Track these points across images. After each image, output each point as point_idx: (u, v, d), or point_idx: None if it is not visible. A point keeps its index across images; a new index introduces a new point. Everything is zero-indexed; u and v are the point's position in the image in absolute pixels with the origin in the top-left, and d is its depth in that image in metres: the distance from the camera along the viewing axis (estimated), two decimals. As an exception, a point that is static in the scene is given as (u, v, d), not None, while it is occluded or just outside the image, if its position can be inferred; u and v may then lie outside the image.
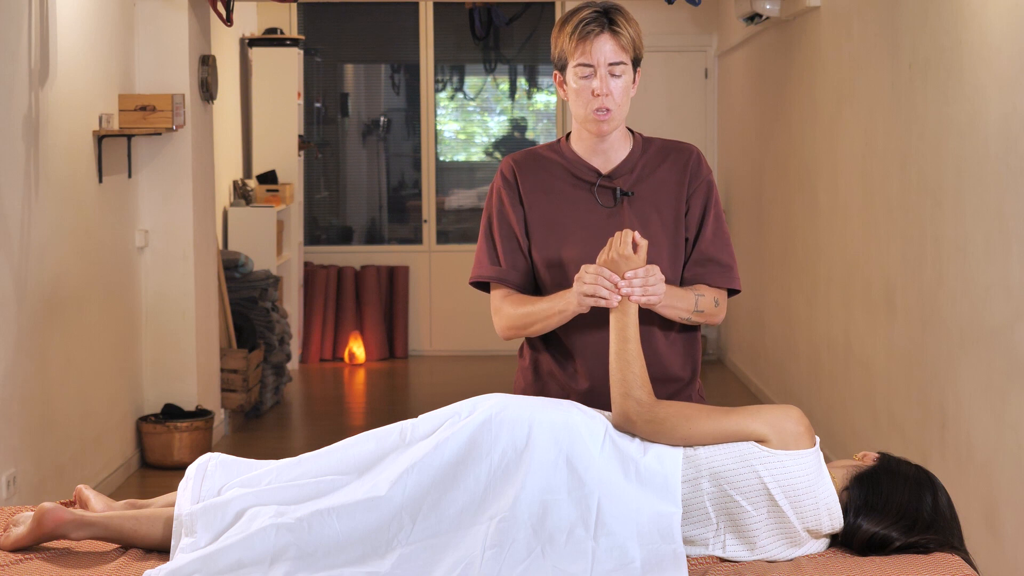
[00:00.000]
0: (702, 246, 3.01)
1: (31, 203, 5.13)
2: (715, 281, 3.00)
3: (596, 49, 2.89)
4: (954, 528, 2.70)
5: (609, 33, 2.89)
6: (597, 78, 2.90)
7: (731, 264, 3.03)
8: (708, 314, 2.97)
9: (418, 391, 8.96)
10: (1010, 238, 4.02)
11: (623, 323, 2.80)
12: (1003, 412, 4.11)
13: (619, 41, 2.89)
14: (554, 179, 3.03)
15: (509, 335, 3.05)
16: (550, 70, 10.17)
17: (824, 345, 6.47)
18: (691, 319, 2.95)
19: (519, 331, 3.02)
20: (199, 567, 2.53)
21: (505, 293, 3.03)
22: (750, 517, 2.62)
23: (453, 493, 2.62)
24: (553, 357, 3.05)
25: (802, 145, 6.90)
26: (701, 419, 2.67)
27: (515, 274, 3.04)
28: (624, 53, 2.90)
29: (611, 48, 2.89)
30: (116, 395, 6.20)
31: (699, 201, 3.02)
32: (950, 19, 4.57)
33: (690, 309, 2.94)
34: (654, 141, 3.08)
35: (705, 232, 3.01)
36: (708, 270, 3.00)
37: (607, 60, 2.89)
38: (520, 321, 2.99)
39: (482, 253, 3.07)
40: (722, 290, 3.02)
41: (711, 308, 2.97)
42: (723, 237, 3.03)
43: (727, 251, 3.03)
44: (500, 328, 3.06)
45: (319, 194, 10.20)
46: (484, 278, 3.06)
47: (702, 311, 2.96)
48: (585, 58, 2.90)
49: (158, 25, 6.45)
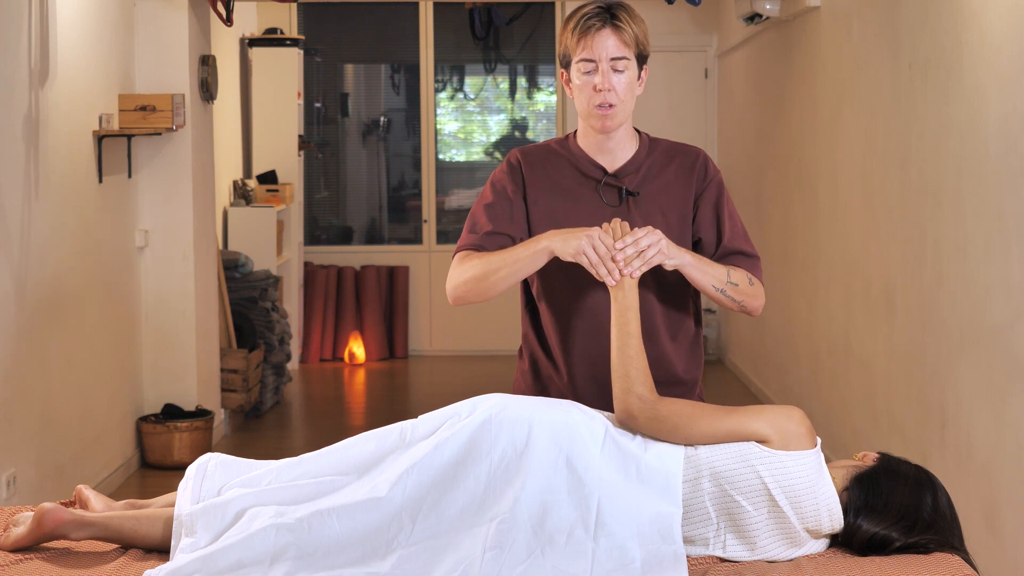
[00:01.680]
0: (725, 241, 2.97)
1: (31, 203, 5.13)
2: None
3: (598, 44, 2.88)
4: (954, 528, 2.70)
5: (611, 28, 2.88)
6: (599, 73, 2.89)
7: (756, 255, 3.00)
8: (743, 290, 2.90)
9: (418, 391, 8.96)
10: (1010, 238, 4.02)
11: (625, 318, 2.79)
12: (1003, 412, 4.11)
13: (621, 36, 2.88)
14: (560, 174, 3.01)
15: (460, 293, 2.92)
16: (550, 70, 10.18)
17: (824, 345, 6.47)
18: (726, 292, 2.87)
19: (475, 284, 2.88)
20: (199, 567, 2.53)
21: (469, 255, 2.94)
22: (750, 517, 2.62)
23: (453, 493, 2.62)
24: (551, 361, 3.04)
25: (802, 145, 6.90)
26: (703, 417, 2.67)
27: (492, 244, 2.94)
28: (627, 48, 2.89)
29: (613, 43, 2.88)
30: (116, 395, 6.20)
31: (710, 203, 2.99)
32: (950, 19, 4.57)
33: (723, 279, 2.86)
34: (660, 142, 3.06)
35: (724, 231, 2.98)
36: (735, 260, 2.96)
37: (609, 55, 2.88)
38: (480, 270, 2.87)
39: (464, 230, 3.01)
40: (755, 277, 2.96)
41: (746, 284, 2.90)
42: (742, 231, 3.01)
43: (749, 244, 3.00)
44: (454, 286, 2.92)
45: (319, 194, 10.20)
46: (458, 248, 2.98)
47: (736, 284, 2.88)
48: (587, 53, 2.89)
49: (158, 25, 6.45)
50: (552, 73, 10.16)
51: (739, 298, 2.91)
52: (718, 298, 2.89)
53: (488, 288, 2.88)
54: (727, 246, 2.97)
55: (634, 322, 2.79)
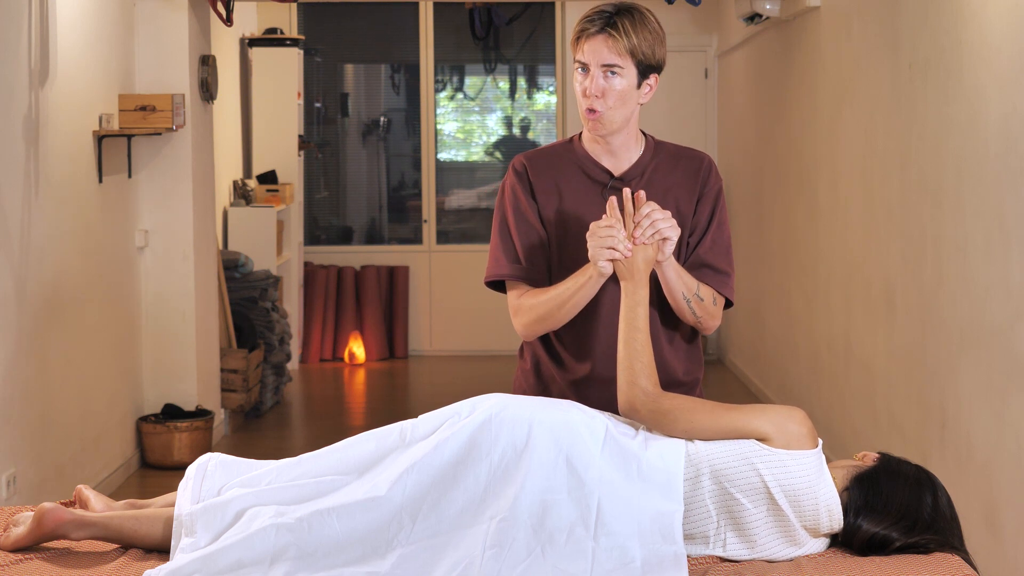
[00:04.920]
0: (700, 251, 2.98)
1: (31, 203, 5.13)
2: (710, 285, 2.98)
3: (590, 49, 2.87)
4: (954, 528, 2.70)
5: (605, 34, 2.85)
6: (589, 77, 2.88)
7: (728, 272, 2.99)
8: (706, 306, 2.92)
9: (418, 391, 8.96)
10: (1010, 238, 4.02)
11: (634, 312, 2.80)
12: (1003, 412, 4.11)
13: (615, 43, 2.85)
14: (566, 178, 3.01)
15: (535, 329, 2.96)
16: (550, 70, 10.18)
17: (824, 345, 6.47)
18: (690, 303, 2.89)
19: (545, 321, 2.93)
20: (199, 567, 2.53)
21: (522, 291, 2.97)
22: (750, 515, 2.62)
23: (453, 493, 2.62)
24: (554, 359, 3.04)
25: (802, 145, 6.90)
26: (705, 413, 2.68)
27: (535, 271, 2.98)
28: (620, 56, 2.85)
29: (605, 49, 2.85)
30: (116, 395, 6.20)
31: (706, 209, 2.99)
32: (950, 19, 4.57)
33: (692, 289, 2.89)
34: (666, 145, 3.05)
35: (705, 239, 2.99)
36: (703, 274, 2.96)
37: (600, 61, 2.86)
38: (546, 308, 2.91)
39: (499, 251, 3.00)
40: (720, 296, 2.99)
41: (710, 302, 2.93)
42: (723, 245, 3.00)
43: (725, 259, 3.00)
44: (524, 324, 2.96)
45: (319, 194, 10.20)
46: (504, 277, 2.99)
47: (702, 299, 2.91)
48: (580, 56, 2.89)
49: (158, 25, 6.45)
50: (552, 73, 10.16)
51: (700, 313, 2.93)
52: (681, 306, 2.91)
53: (558, 323, 2.94)
54: (699, 256, 2.97)
55: (643, 317, 2.80)
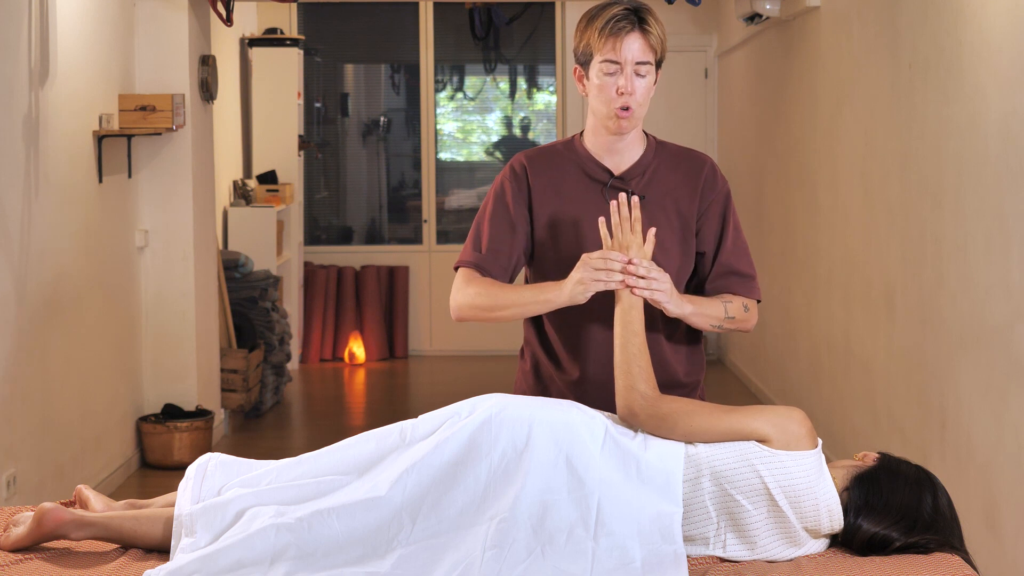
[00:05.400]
0: (723, 258, 3.00)
1: (31, 203, 5.13)
2: (737, 292, 3.00)
3: (625, 47, 2.87)
4: (954, 528, 2.70)
5: (639, 31, 2.87)
6: (623, 76, 2.89)
7: (751, 274, 3.03)
8: (740, 320, 2.97)
9: (418, 391, 8.96)
10: (1010, 238, 4.02)
11: (629, 316, 2.80)
12: (1003, 412, 4.11)
13: (648, 40, 2.88)
14: (566, 178, 3.01)
15: (465, 314, 2.96)
16: (550, 70, 10.18)
17: (824, 345, 6.47)
18: (723, 327, 2.95)
19: (480, 311, 2.94)
20: (199, 567, 2.53)
21: (473, 274, 2.98)
22: (750, 516, 2.62)
23: (453, 493, 2.62)
24: (553, 361, 3.04)
25: (802, 145, 6.90)
26: (704, 415, 2.68)
27: (495, 264, 2.98)
28: (651, 53, 2.89)
29: (639, 47, 2.87)
30: (116, 395, 6.20)
31: (716, 214, 3.01)
32: (950, 19, 4.57)
33: (721, 317, 2.94)
34: (668, 145, 3.06)
35: (725, 244, 3.00)
36: (730, 282, 3.00)
37: (634, 59, 2.88)
38: (488, 300, 2.92)
39: (468, 241, 3.03)
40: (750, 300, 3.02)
41: (741, 314, 2.97)
42: (742, 247, 3.03)
43: (746, 261, 3.03)
44: (458, 305, 2.97)
45: (319, 194, 10.20)
46: (461, 263, 3.01)
47: (733, 317, 2.96)
48: (613, 55, 2.88)
49: (158, 25, 6.45)
50: (552, 73, 10.15)
51: (734, 327, 2.99)
52: (714, 331, 2.95)
53: (493, 318, 2.94)
54: (724, 263, 3.00)
55: (638, 320, 2.80)
